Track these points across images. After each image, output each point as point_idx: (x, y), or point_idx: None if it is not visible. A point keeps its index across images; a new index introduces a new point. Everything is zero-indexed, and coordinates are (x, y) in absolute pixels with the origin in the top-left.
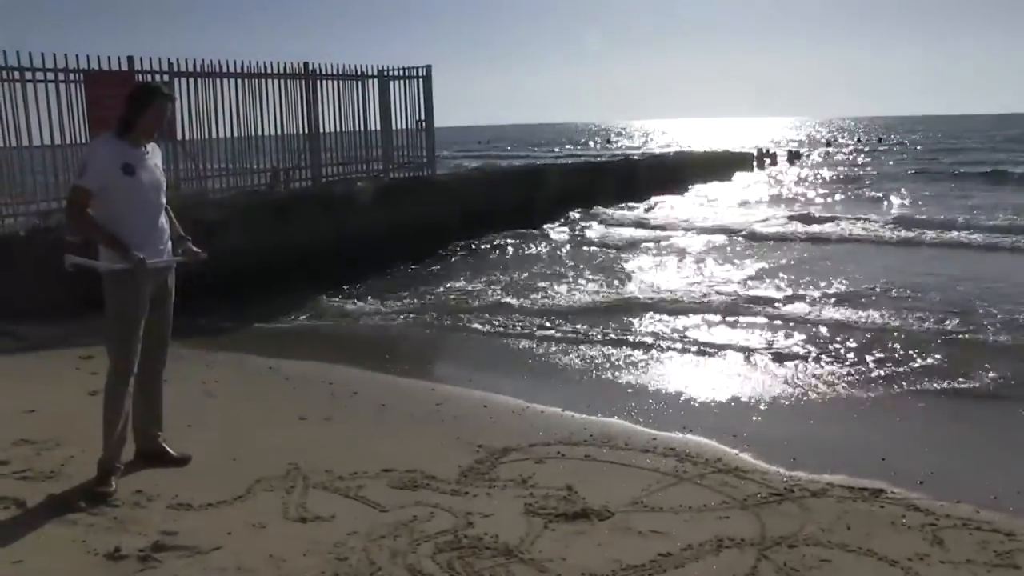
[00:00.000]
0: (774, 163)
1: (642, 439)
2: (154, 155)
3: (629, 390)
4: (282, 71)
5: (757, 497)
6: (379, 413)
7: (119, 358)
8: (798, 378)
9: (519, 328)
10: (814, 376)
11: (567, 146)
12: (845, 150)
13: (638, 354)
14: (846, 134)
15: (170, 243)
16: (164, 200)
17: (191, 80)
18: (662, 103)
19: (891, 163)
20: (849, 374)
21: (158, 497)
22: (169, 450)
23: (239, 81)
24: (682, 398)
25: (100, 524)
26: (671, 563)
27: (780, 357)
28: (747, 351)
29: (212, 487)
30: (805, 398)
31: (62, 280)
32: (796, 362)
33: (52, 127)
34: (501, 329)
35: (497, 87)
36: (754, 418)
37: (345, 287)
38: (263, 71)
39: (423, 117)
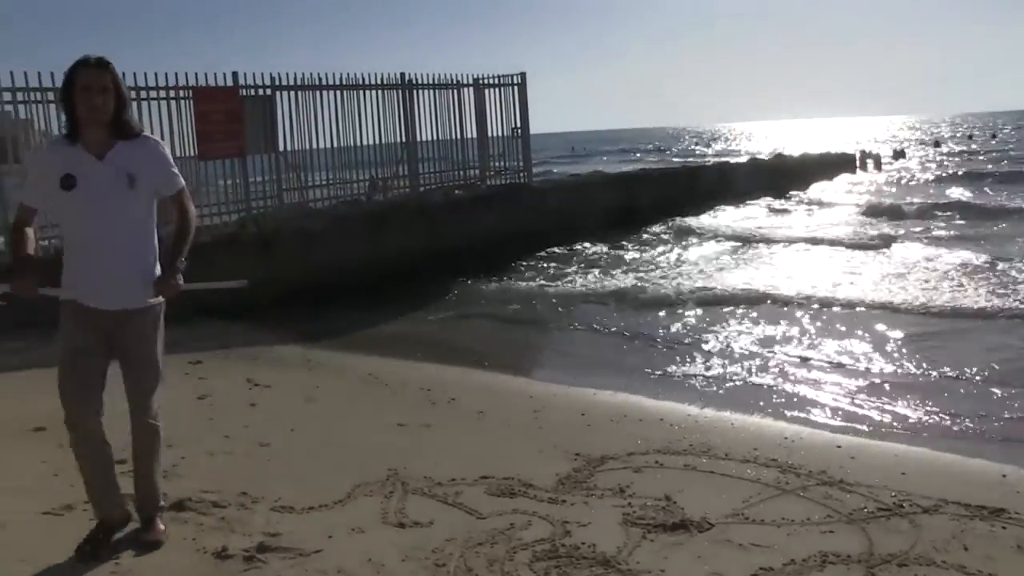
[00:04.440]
0: (878, 166)
1: (743, 449)
2: (137, 152)
3: (729, 399)
4: (380, 82)
5: (864, 511)
6: (477, 420)
7: (59, 391)
8: (908, 391)
9: (617, 329)
10: (926, 390)
11: (670, 150)
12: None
13: (739, 362)
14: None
15: (140, 275)
16: (137, 215)
17: (293, 93)
18: (758, 104)
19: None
20: (964, 387)
21: (262, 499)
22: (144, 529)
23: (339, 93)
24: (786, 409)
25: (209, 524)
26: None
27: (889, 369)
28: (855, 361)
29: (314, 491)
30: (916, 411)
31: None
32: (906, 374)
33: (164, 141)
34: (601, 330)
35: (585, 92)
36: (861, 428)
37: (442, 293)
38: (361, 82)
39: (518, 124)
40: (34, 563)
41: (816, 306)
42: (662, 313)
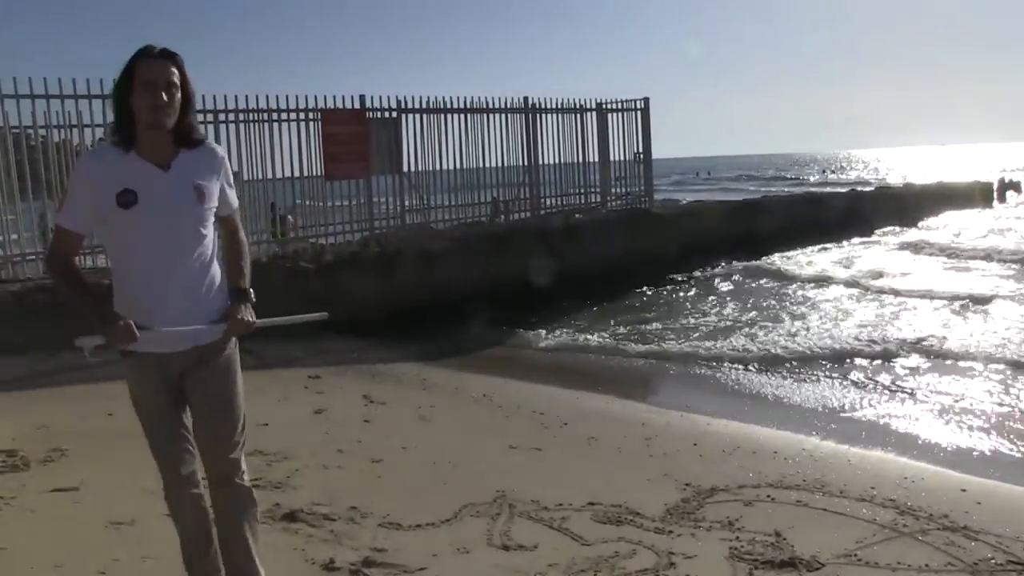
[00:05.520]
0: (1018, 192)
1: (859, 487)
2: (201, 162)
3: (847, 434)
4: (504, 106)
5: (991, 563)
6: (588, 446)
7: (153, 455)
8: None
9: (734, 360)
10: None
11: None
12: None
13: (860, 396)
14: None
15: (214, 304)
16: (206, 234)
17: (419, 116)
18: (886, 131)
19: None
20: None
21: (371, 514)
22: None
23: (463, 116)
24: (907, 447)
25: (318, 536)
26: None
27: (1018, 413)
28: (987, 401)
29: (422, 509)
30: None
31: (294, 303)
32: None
33: (294, 161)
34: (714, 363)
35: (706, 117)
36: (990, 471)
37: (560, 316)
38: (486, 106)
39: (641, 149)
40: (156, 561)
41: (935, 354)
42: (779, 354)
